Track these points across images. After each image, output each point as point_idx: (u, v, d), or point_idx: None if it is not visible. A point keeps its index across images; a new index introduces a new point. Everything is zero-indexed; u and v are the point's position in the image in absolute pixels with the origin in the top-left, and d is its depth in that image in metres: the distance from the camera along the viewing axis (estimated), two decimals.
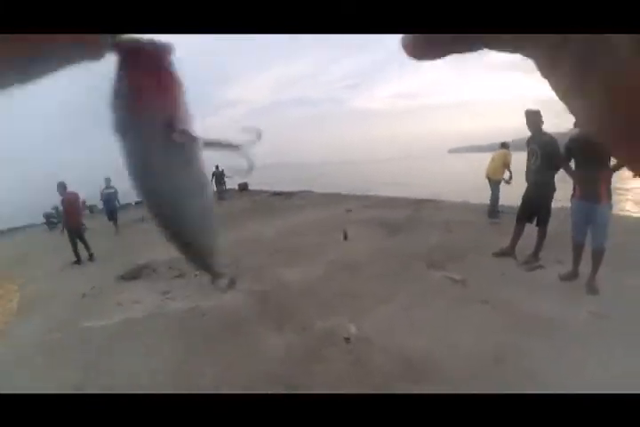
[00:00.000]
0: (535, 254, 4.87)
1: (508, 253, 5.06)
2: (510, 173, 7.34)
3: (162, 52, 0.23)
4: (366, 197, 11.58)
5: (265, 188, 18.55)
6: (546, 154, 4.47)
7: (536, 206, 4.78)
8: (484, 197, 7.83)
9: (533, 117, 4.57)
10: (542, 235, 4.82)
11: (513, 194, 5.89)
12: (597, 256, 3.86)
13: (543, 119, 4.60)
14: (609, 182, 3.81)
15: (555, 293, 3.86)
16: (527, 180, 4.83)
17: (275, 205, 11.62)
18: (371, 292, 4.22)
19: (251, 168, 0.29)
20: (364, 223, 7.42)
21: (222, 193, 15.86)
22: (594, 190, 3.81)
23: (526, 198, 4.87)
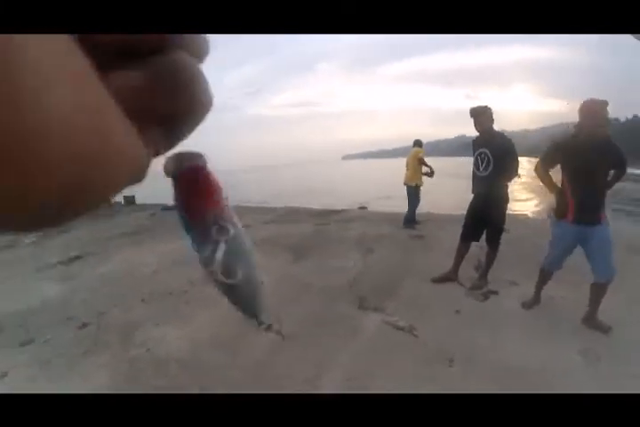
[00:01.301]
0: (483, 277, 4.11)
1: (450, 278, 4.23)
2: (429, 167, 6.91)
3: (200, 170, 0.25)
4: (265, 210, 10.25)
5: (154, 200, 16.33)
6: (500, 158, 3.69)
7: (485, 221, 3.99)
8: (388, 204, 7.40)
9: (482, 115, 3.77)
10: (492, 255, 4.07)
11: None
12: (602, 290, 3.08)
13: (493, 117, 3.82)
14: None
15: (531, 329, 3.18)
16: (474, 190, 4.01)
17: (161, 222, 9.70)
18: (284, 363, 2.92)
19: None
20: (265, 244, 6.08)
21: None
22: (594, 210, 2.99)
23: (472, 212, 4.06)
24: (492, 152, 3.70)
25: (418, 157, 6.81)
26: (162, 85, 0.19)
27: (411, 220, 6.99)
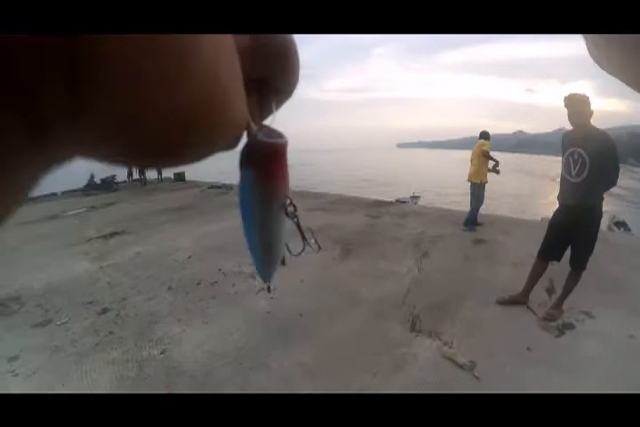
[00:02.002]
0: (559, 305, 3.36)
1: (519, 301, 3.51)
2: (496, 161, 6.11)
3: (283, 149, 0.25)
4: (314, 196, 9.65)
5: (204, 178, 16.25)
6: (597, 161, 2.91)
7: (572, 238, 3.21)
8: (439, 198, 6.61)
9: (580, 105, 2.96)
10: (575, 280, 3.27)
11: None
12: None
13: (592, 109, 3.00)
14: None
15: (617, 379, 2.50)
16: (562, 198, 3.23)
17: (206, 201, 9.42)
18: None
19: None
20: (312, 236, 5.56)
21: (145, 181, 14.21)
22: None
23: (558, 225, 3.27)
24: (589, 153, 2.93)
25: (482, 149, 5.99)
26: (267, 50, 0.20)
27: (472, 220, 6.21)
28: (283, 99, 0.25)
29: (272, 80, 0.22)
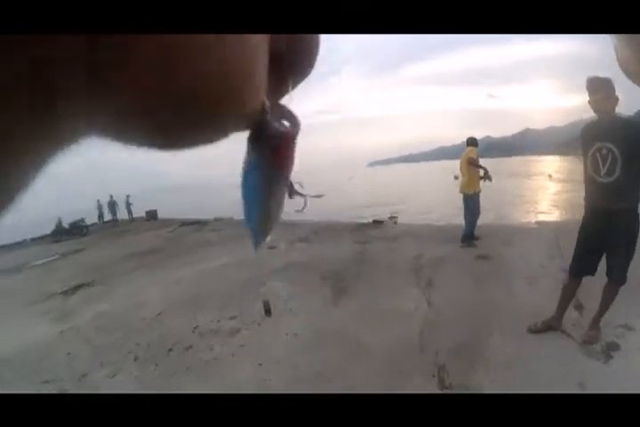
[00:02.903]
0: (596, 323, 2.88)
1: (552, 326, 2.99)
2: (484, 168, 5.68)
3: (294, 137, 0.25)
4: (292, 225, 9.05)
5: (176, 215, 15.43)
6: (632, 157, 2.44)
7: (608, 247, 2.72)
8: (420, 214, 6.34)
9: (605, 90, 2.47)
10: (614, 293, 2.77)
11: None
12: None
13: (617, 95, 2.52)
14: None
15: None
16: (590, 202, 2.74)
17: (177, 241, 8.74)
18: None
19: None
20: (295, 271, 4.95)
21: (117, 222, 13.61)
22: None
23: (589, 235, 2.78)
24: (620, 148, 2.46)
25: (468, 157, 5.56)
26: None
27: (470, 235, 5.70)
28: (300, 78, 0.23)
29: (291, 57, 0.21)
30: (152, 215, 16.16)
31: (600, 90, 2.48)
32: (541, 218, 16.26)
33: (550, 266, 4.45)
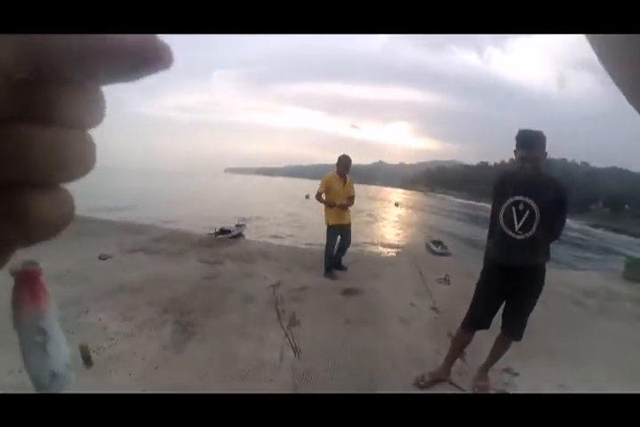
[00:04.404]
0: (485, 373, 2.86)
1: (441, 378, 2.82)
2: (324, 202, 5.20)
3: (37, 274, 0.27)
4: (136, 230, 7.77)
5: None
6: (549, 215, 2.38)
7: (509, 305, 2.64)
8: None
9: (541, 146, 2.39)
10: (507, 346, 2.74)
11: None
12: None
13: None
14: None
15: None
16: (497, 257, 2.58)
17: None
18: None
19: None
20: (131, 299, 3.84)
21: None
22: None
23: (491, 291, 2.62)
24: (540, 205, 2.36)
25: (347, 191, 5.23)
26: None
27: (339, 266, 5.43)
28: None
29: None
30: None
31: (537, 145, 2.36)
32: (397, 248, 17.26)
33: (420, 305, 4.33)
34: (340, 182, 5.07)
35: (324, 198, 5.12)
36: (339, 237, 5.25)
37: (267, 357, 2.95)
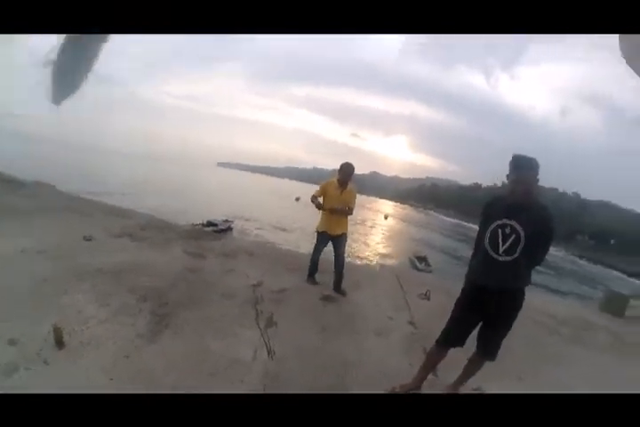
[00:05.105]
0: (455, 390, 2.94)
1: (411, 390, 2.84)
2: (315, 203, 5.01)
3: None
4: (122, 213, 7.72)
5: None
6: (534, 238, 2.42)
7: (486, 326, 2.67)
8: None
9: (535, 171, 2.44)
10: (480, 365, 2.81)
11: None
12: None
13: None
14: None
15: None
16: (478, 278, 2.64)
17: None
18: None
19: None
20: (110, 285, 3.76)
21: None
22: None
23: (470, 310, 2.66)
24: (527, 230, 2.40)
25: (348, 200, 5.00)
26: None
27: (315, 270, 5.27)
28: None
29: None
30: None
31: (529, 170, 2.42)
32: (382, 260, 17.31)
33: (398, 318, 4.37)
34: (338, 190, 4.92)
35: (318, 201, 4.99)
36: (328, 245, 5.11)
37: (240, 355, 2.95)
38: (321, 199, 5.02)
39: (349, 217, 5.10)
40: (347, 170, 4.93)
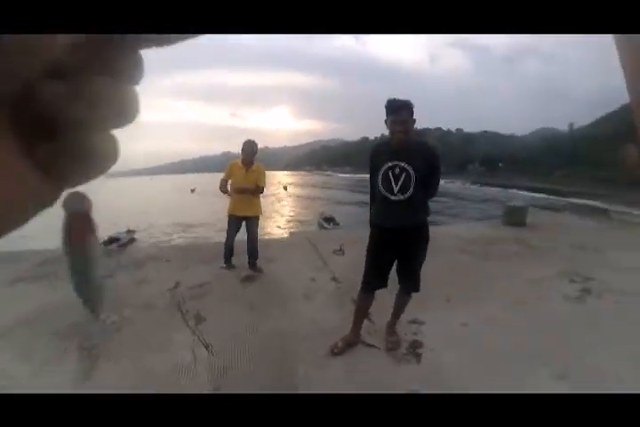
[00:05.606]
0: (393, 328, 3.20)
1: (352, 342, 3.05)
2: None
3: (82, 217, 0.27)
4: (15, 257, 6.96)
5: None
6: (424, 175, 2.65)
7: (400, 262, 2.89)
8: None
9: (408, 111, 2.62)
10: (407, 301, 3.07)
11: None
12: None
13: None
14: None
15: None
16: (380, 220, 2.83)
17: None
18: None
19: None
20: (26, 336, 3.36)
21: None
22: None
23: (381, 252, 2.85)
24: (414, 166, 2.60)
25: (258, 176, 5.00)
26: (78, 98, 0.19)
27: (231, 255, 5.18)
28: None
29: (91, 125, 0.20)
30: None
31: (404, 110, 2.58)
32: (292, 229, 17.47)
33: (320, 278, 4.57)
34: (243, 169, 4.82)
35: (222, 184, 4.90)
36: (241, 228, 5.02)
37: (180, 360, 2.92)
38: (229, 184, 4.91)
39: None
40: (248, 148, 4.85)
